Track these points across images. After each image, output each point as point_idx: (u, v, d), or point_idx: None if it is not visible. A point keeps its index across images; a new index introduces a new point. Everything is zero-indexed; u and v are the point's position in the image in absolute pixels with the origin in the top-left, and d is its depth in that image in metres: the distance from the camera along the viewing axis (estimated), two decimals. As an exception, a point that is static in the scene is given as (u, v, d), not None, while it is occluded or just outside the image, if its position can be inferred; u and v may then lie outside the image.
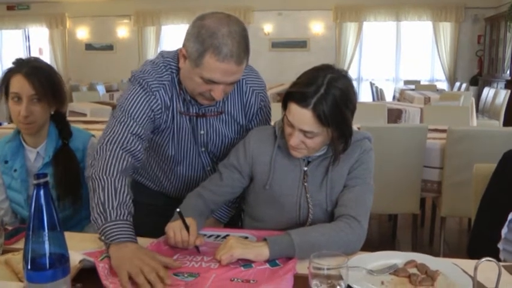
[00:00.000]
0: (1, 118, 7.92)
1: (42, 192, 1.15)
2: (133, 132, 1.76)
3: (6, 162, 2.12)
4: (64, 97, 2.13)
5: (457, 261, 1.55)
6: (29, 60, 2.05)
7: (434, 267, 1.49)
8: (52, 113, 2.12)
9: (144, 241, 1.73)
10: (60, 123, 2.16)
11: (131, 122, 1.76)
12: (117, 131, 1.75)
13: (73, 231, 1.79)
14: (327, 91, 1.59)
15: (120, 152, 1.72)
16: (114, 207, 1.58)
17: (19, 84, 1.98)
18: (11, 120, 2.06)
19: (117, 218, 1.56)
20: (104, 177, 1.64)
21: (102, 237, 1.56)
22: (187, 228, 1.61)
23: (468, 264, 1.50)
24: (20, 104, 1.98)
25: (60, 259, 1.17)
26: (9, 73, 2.01)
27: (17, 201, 2.15)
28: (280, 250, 1.58)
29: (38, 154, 2.12)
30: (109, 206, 1.58)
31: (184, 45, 1.71)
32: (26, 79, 1.98)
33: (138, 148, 1.77)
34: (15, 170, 2.10)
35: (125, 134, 1.75)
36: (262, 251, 1.56)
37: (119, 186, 1.64)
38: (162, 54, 1.89)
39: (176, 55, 1.83)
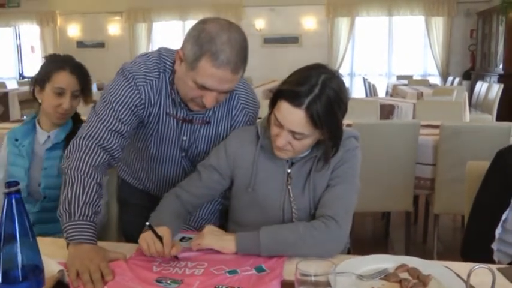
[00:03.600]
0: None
1: (13, 200, 1.10)
2: (112, 128, 1.74)
3: (16, 140, 2.25)
4: (92, 93, 2.32)
5: (449, 265, 1.51)
6: (69, 58, 2.24)
7: (426, 272, 1.45)
8: None
9: (130, 247, 1.70)
10: (75, 114, 2.30)
11: (111, 118, 1.74)
12: (95, 126, 1.73)
13: None
14: (321, 91, 1.54)
15: (96, 148, 1.71)
16: (79, 206, 1.59)
17: (65, 79, 2.16)
18: (1, 120, 2.14)
19: (80, 217, 1.58)
20: (75, 173, 1.65)
21: (64, 234, 1.57)
22: (160, 239, 1.55)
23: (461, 267, 1.46)
24: (62, 97, 2.15)
25: (34, 270, 1.12)
26: (54, 68, 2.17)
27: (16, 175, 2.20)
28: (247, 246, 1.59)
29: (48, 138, 2.23)
30: (74, 205, 1.59)
31: (182, 47, 1.67)
32: (72, 75, 2.17)
33: (115, 147, 1.75)
34: (23, 146, 2.23)
35: (103, 131, 1.73)
36: (229, 245, 1.60)
37: (88, 184, 1.64)
38: (160, 50, 1.85)
39: (174, 55, 1.78)
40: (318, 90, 1.54)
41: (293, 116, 1.56)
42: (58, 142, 2.20)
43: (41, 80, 2.18)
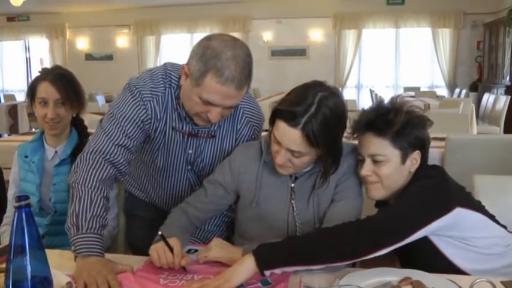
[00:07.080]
0: (1, 130, 8.04)
1: (23, 214, 1.12)
2: (119, 143, 1.76)
3: (26, 156, 2.29)
4: (84, 100, 2.31)
5: (453, 278, 1.52)
6: (53, 69, 2.27)
7: (429, 284, 1.46)
8: (74, 115, 2.30)
9: (138, 259, 1.72)
10: (80, 126, 2.35)
11: (117, 133, 1.76)
12: (102, 141, 1.76)
13: None
14: (317, 110, 1.55)
15: (103, 162, 1.73)
16: (86, 220, 1.61)
17: (46, 89, 2.18)
18: (11, 132, 2.16)
19: (88, 231, 1.60)
20: (82, 187, 1.67)
21: (72, 247, 1.59)
22: (171, 249, 1.58)
23: (464, 280, 1.47)
24: (46, 107, 2.18)
25: (43, 282, 1.15)
26: (36, 81, 2.22)
27: (28, 191, 2.23)
28: None
29: (55, 153, 2.26)
30: (82, 218, 1.61)
31: (188, 63, 1.69)
32: (52, 85, 2.18)
33: (122, 161, 1.77)
34: (33, 162, 2.26)
35: (109, 145, 1.75)
36: (236, 257, 1.59)
37: (95, 198, 1.66)
38: (166, 66, 1.87)
39: (179, 70, 1.80)
40: (314, 109, 1.55)
41: (290, 135, 1.58)
42: (65, 158, 2.23)
43: (30, 93, 2.25)
